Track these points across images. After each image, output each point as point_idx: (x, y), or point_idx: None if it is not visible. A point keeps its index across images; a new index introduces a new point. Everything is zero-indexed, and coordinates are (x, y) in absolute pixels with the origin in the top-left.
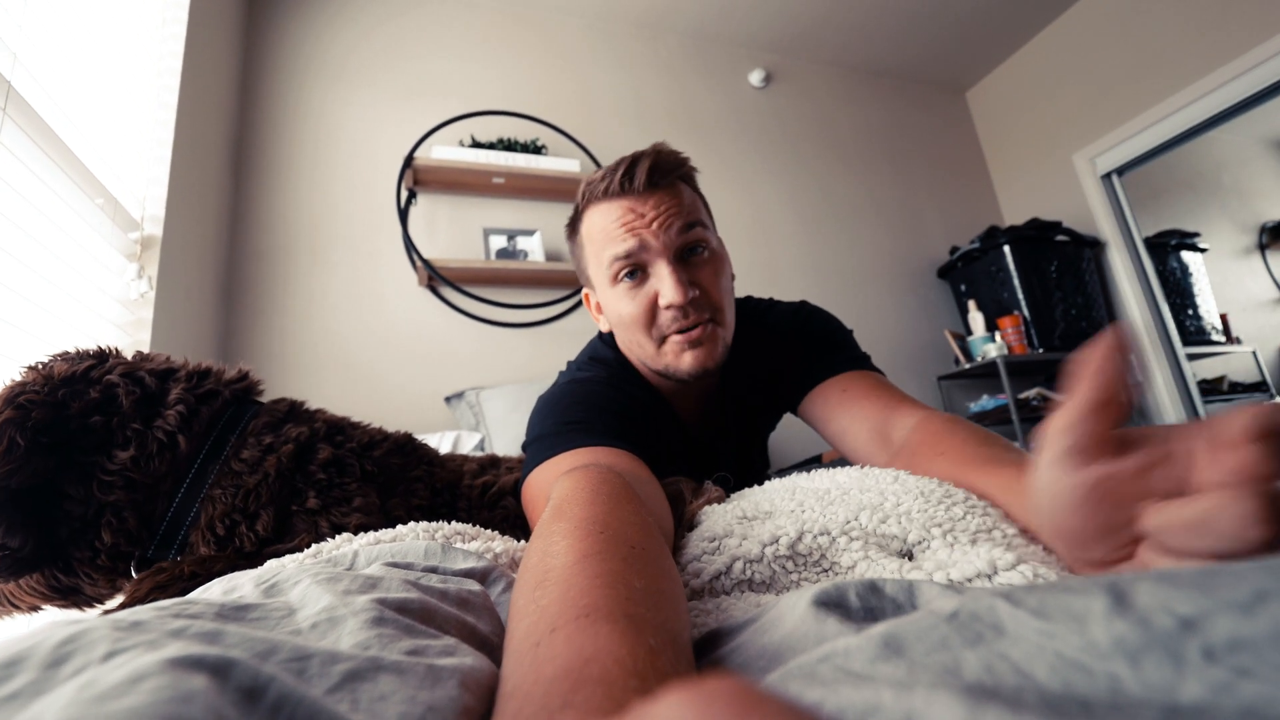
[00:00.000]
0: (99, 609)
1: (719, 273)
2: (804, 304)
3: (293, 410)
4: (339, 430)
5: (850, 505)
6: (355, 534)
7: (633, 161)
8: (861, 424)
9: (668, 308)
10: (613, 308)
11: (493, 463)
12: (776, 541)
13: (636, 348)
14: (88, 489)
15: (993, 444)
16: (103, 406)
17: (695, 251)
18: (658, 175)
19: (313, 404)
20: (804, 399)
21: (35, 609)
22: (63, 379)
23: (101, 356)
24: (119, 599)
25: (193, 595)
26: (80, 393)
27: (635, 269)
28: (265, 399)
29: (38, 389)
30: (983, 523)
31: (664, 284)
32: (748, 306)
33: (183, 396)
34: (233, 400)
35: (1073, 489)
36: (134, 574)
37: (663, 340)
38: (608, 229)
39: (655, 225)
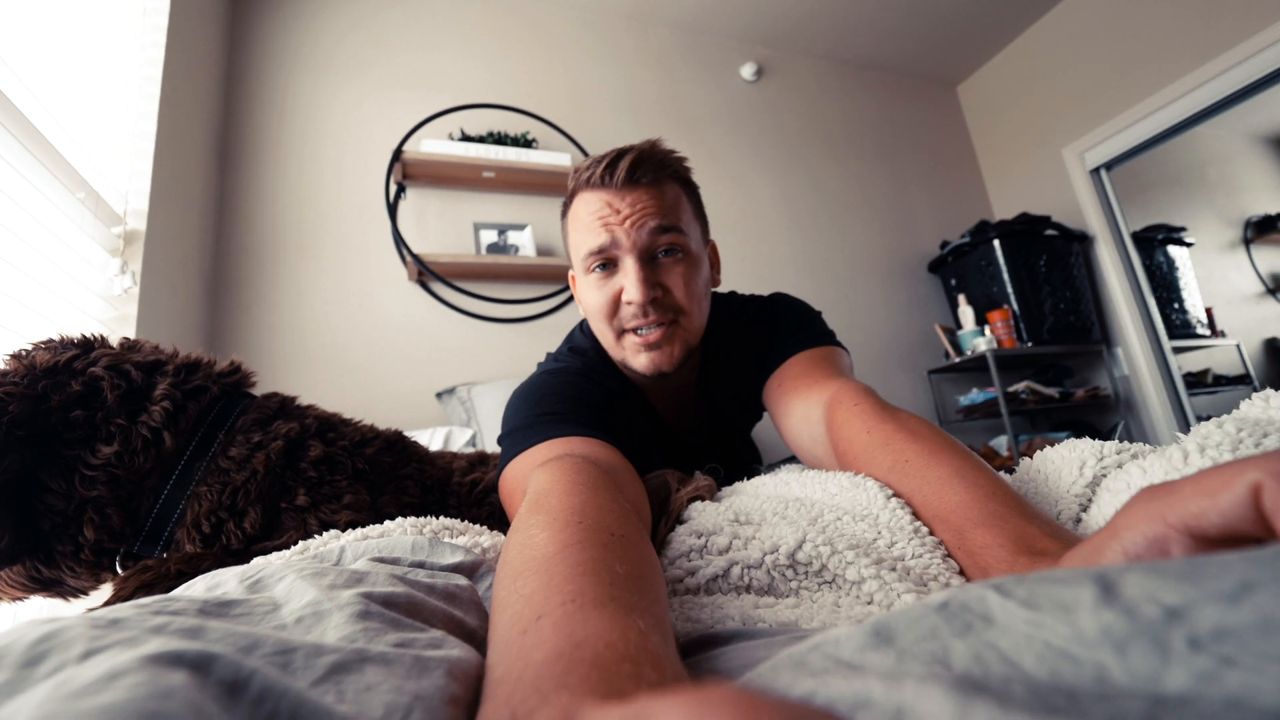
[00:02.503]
0: (82, 600)
1: (691, 277)
2: (775, 294)
3: (283, 406)
4: (330, 427)
5: (845, 537)
6: (344, 531)
7: (618, 155)
8: (792, 417)
9: (629, 304)
10: (583, 295)
11: (481, 459)
12: (777, 550)
13: (601, 336)
14: (69, 483)
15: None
16: (86, 400)
17: (669, 253)
18: (639, 172)
19: (303, 400)
20: (764, 395)
21: (18, 599)
22: (44, 370)
23: (86, 346)
24: (104, 588)
25: (175, 592)
26: (62, 385)
27: (606, 262)
28: (256, 394)
29: (17, 380)
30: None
31: (628, 281)
32: (730, 302)
33: (169, 392)
34: (222, 395)
35: None
36: (119, 569)
37: (621, 334)
38: (586, 220)
39: (628, 223)
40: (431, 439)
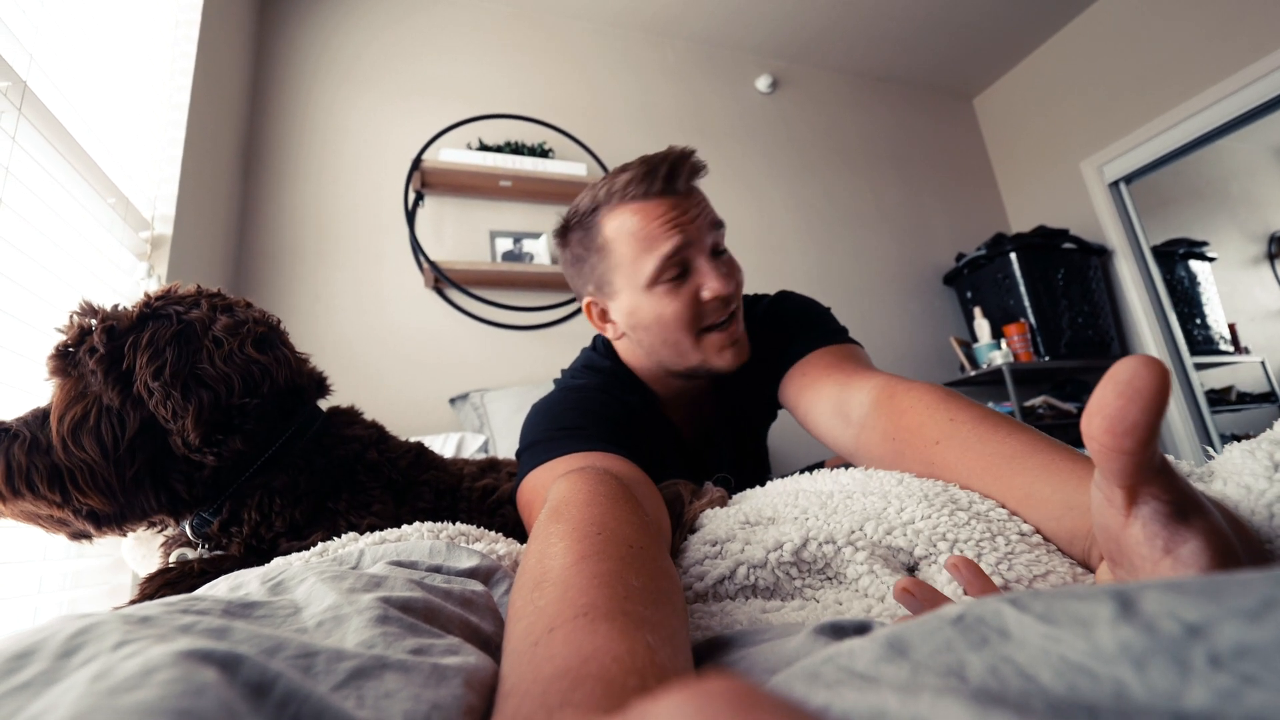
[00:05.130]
0: (95, 540)
1: (738, 267)
2: (782, 292)
3: (351, 415)
4: (383, 439)
5: (854, 513)
6: (364, 534)
7: (670, 165)
8: (823, 403)
9: (713, 299)
10: (648, 310)
11: (492, 465)
12: (781, 548)
13: (667, 349)
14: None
15: (965, 424)
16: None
17: (720, 252)
18: (691, 176)
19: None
20: (779, 388)
21: (48, 519)
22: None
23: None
24: (124, 543)
25: (200, 592)
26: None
27: (679, 267)
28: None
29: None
30: (986, 529)
31: (708, 277)
32: None
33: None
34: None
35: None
36: (190, 534)
37: (702, 335)
38: (650, 229)
39: (698, 222)
40: (444, 444)
